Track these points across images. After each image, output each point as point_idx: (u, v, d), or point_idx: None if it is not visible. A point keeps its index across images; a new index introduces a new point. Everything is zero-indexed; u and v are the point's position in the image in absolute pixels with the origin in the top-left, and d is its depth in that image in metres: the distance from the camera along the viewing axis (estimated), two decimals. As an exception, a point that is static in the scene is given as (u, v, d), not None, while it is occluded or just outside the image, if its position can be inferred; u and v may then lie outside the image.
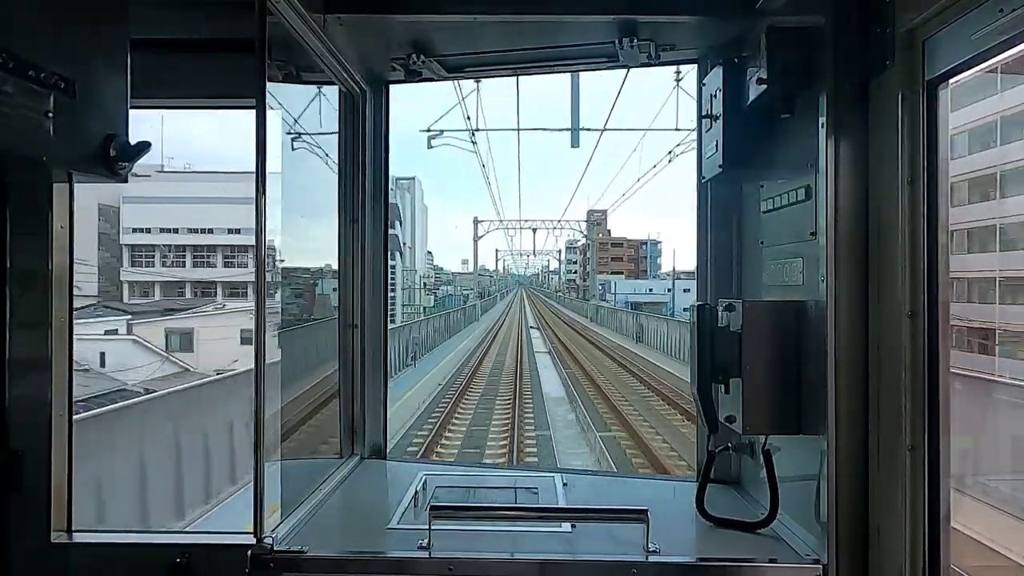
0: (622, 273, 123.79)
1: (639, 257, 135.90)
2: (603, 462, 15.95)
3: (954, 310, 2.11)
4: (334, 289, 3.58)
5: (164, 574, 2.44)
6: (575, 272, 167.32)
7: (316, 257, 3.71)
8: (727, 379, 2.59)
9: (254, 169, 2.34)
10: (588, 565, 2.39)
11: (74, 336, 2.70)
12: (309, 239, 3.44)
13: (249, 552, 2.33)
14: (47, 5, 2.06)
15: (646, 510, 2.44)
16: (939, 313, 2.04)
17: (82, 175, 2.34)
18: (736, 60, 2.82)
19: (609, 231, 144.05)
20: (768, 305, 2.64)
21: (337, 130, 3.49)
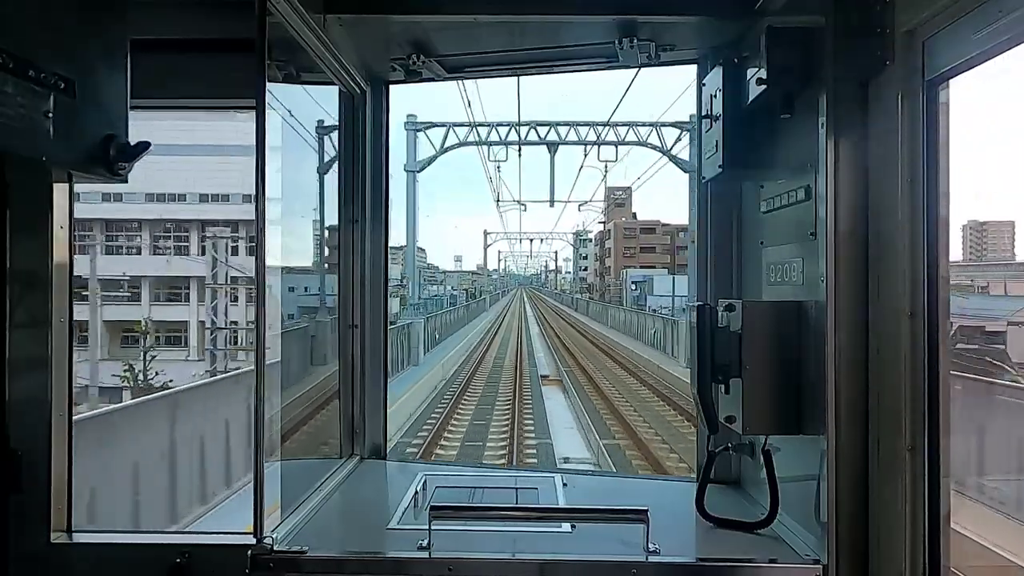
0: (654, 267, 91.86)
1: (676, 247, 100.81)
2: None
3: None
4: (291, 288, 3.50)
5: (164, 574, 2.44)
6: (586, 268, 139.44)
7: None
8: (727, 379, 2.59)
9: (254, 169, 2.33)
10: (588, 565, 2.39)
11: (74, 336, 2.70)
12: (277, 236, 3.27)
13: (249, 552, 2.33)
14: (47, 5, 2.06)
15: (646, 510, 2.44)
16: (939, 313, 2.04)
17: (82, 175, 2.34)
18: (736, 60, 2.82)
19: (635, 214, 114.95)
20: (768, 305, 2.64)
21: (337, 130, 3.49)
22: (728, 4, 2.81)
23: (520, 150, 33.20)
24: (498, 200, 60.20)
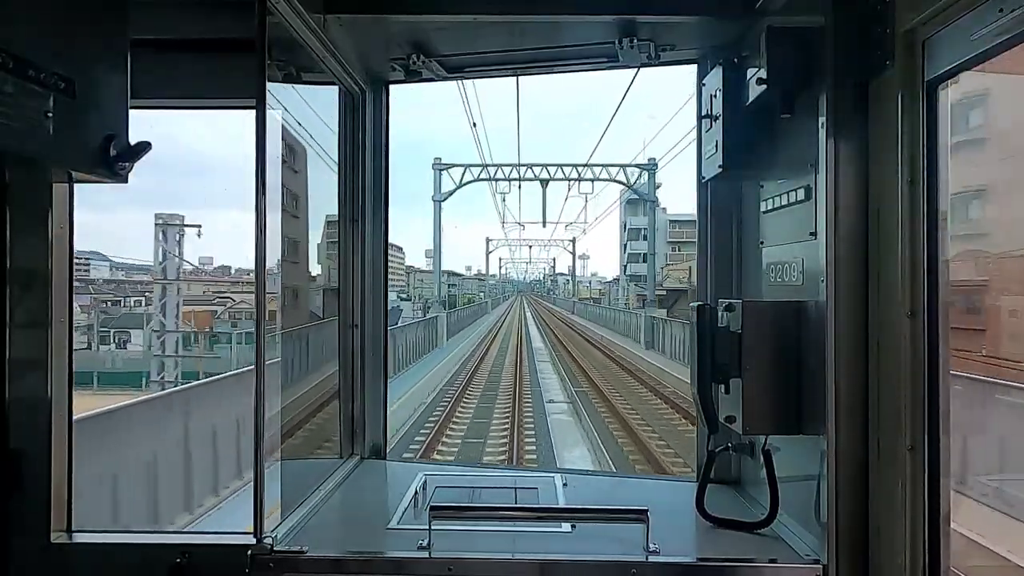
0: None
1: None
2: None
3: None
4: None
5: (164, 574, 2.44)
6: (641, 258, 78.70)
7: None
8: (727, 379, 2.59)
9: (254, 169, 2.33)
10: (588, 565, 2.39)
11: (74, 336, 2.70)
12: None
13: (249, 552, 2.33)
14: (47, 5, 2.06)
15: (646, 510, 2.44)
16: (939, 313, 2.04)
17: (82, 175, 2.34)
18: (736, 60, 2.82)
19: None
20: (768, 305, 2.64)
21: (337, 130, 3.49)
22: (728, 4, 2.81)
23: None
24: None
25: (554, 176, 41.86)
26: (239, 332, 42.21)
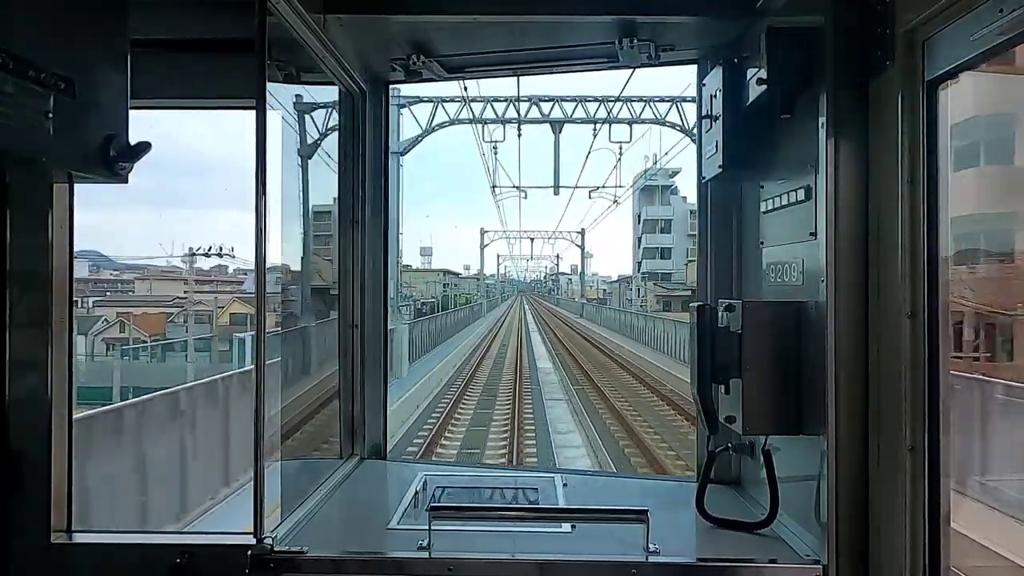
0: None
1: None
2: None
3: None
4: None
5: (164, 574, 2.44)
6: (663, 254, 73.01)
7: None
8: (727, 379, 2.60)
9: (254, 169, 2.33)
10: (588, 565, 2.39)
11: (74, 336, 2.70)
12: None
13: (249, 552, 2.33)
14: (47, 5, 2.06)
15: (646, 510, 2.44)
16: (939, 313, 2.04)
17: (82, 175, 2.35)
18: (736, 60, 2.82)
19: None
20: (768, 305, 2.64)
21: (337, 130, 3.49)
22: (728, 4, 2.82)
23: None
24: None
25: (572, 116, 26.06)
26: (186, 340, 35.06)
